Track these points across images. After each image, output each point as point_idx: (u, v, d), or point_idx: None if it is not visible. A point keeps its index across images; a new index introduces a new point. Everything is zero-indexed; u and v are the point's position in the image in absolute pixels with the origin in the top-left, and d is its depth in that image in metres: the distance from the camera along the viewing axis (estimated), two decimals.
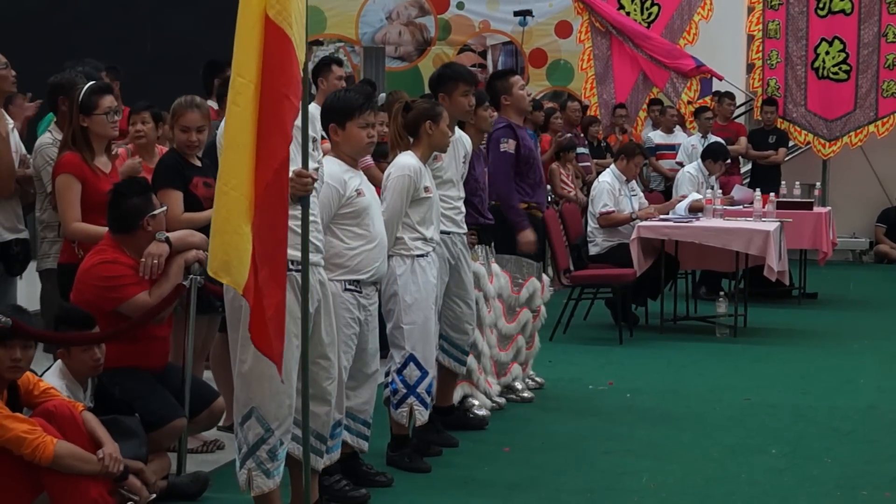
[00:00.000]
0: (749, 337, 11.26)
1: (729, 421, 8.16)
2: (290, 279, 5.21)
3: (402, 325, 6.78)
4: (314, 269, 5.41)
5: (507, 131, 8.50)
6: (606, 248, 11.59)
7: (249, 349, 5.16)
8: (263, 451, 5.32)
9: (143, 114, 7.67)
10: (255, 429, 5.30)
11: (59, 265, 6.85)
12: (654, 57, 15.96)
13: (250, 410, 5.30)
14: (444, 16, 17.71)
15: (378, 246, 6.14)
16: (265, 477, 5.34)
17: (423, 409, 6.88)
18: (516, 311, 8.48)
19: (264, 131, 4.72)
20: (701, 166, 13.11)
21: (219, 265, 4.73)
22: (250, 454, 5.33)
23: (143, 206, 6.10)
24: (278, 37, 4.72)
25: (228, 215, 4.70)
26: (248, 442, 5.33)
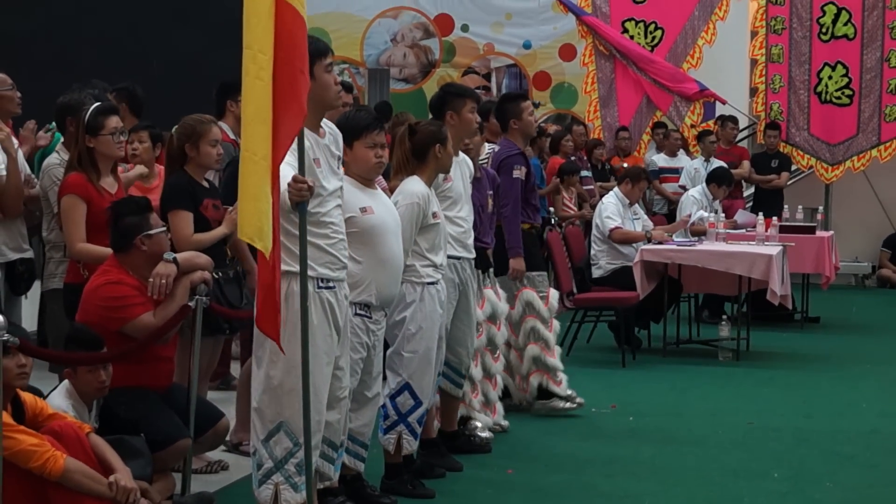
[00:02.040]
0: (752, 361, 11.27)
1: (731, 444, 8.17)
2: (319, 296, 5.30)
3: (402, 353, 6.77)
4: (342, 285, 5.59)
5: (518, 158, 8.49)
6: (609, 271, 11.61)
7: (279, 364, 5.27)
8: (292, 464, 5.39)
9: (140, 133, 7.71)
10: (284, 443, 5.38)
11: (65, 285, 6.87)
12: (658, 80, 16.03)
13: (279, 425, 5.38)
14: (448, 38, 17.77)
15: (390, 269, 6.13)
16: (293, 491, 5.43)
17: (411, 439, 6.84)
18: (549, 321, 8.63)
19: (281, 104, 4.92)
20: (705, 190, 13.13)
21: (253, 231, 4.87)
22: (278, 468, 5.40)
23: (138, 225, 6.11)
24: (293, 16, 4.94)
25: (261, 182, 4.87)
26: (276, 456, 5.39)
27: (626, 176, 11.99)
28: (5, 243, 7.25)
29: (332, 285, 5.52)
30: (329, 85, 5.55)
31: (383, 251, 6.11)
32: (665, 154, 15.61)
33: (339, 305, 5.57)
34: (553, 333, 8.69)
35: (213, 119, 7.02)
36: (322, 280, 5.44)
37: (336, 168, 5.66)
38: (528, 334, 8.60)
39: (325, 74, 5.53)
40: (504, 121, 8.54)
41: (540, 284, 8.65)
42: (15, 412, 5.26)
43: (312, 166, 5.40)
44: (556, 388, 8.71)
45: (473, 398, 7.98)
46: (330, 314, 5.51)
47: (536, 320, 8.58)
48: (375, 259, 6.06)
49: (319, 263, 5.43)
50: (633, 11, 16.42)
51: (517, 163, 8.44)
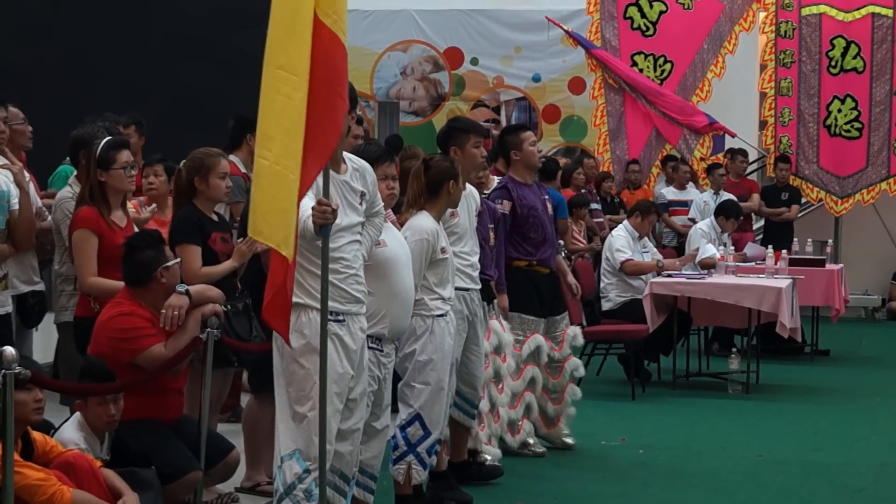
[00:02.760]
0: (761, 393, 11.26)
1: (741, 477, 8.17)
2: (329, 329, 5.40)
3: (413, 384, 6.81)
4: (356, 318, 5.60)
5: (502, 192, 8.32)
6: (619, 304, 11.63)
7: (294, 395, 5.41)
8: (300, 490, 5.45)
9: (156, 167, 7.75)
10: (294, 468, 5.45)
11: (75, 318, 6.89)
12: (667, 113, 16.07)
13: (291, 452, 5.44)
14: (458, 71, 17.83)
15: (402, 301, 6.16)
16: None
17: (420, 469, 6.86)
18: (521, 368, 8.48)
19: (317, 126, 5.02)
20: (713, 223, 13.15)
21: (280, 239, 4.97)
22: (287, 494, 5.47)
23: (156, 259, 6.15)
24: (332, 41, 5.12)
25: (291, 196, 4.96)
26: (286, 481, 5.46)
27: (636, 209, 12.02)
28: (17, 276, 7.28)
29: (341, 318, 5.53)
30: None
31: (396, 284, 6.14)
32: (674, 187, 15.64)
33: (353, 338, 5.59)
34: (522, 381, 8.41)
35: (221, 152, 7.06)
36: (331, 313, 5.45)
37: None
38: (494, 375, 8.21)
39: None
40: (506, 154, 8.51)
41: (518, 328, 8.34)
42: (24, 449, 5.28)
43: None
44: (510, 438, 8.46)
45: (480, 431, 7.99)
46: (340, 347, 5.53)
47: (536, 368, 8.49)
48: (389, 292, 6.08)
49: (331, 297, 5.45)
50: (642, 45, 16.47)
51: (500, 197, 8.31)
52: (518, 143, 8.42)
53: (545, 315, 8.53)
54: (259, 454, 7.33)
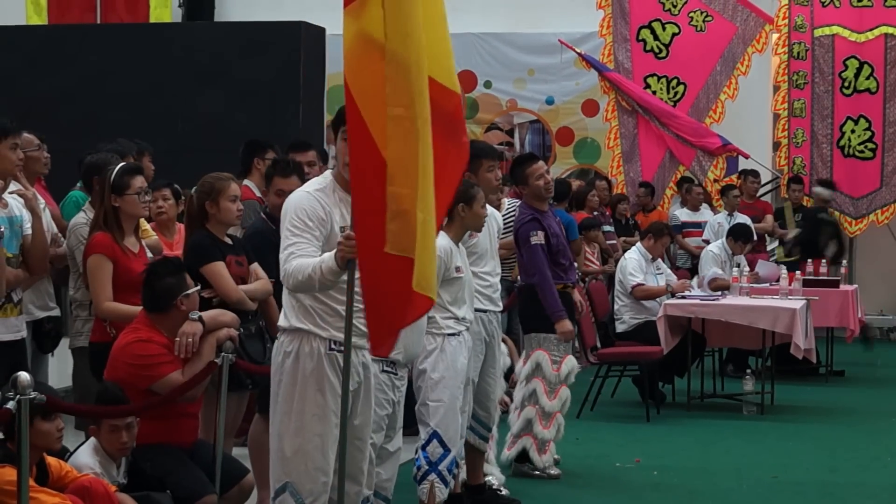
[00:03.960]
0: (776, 414, 11.25)
1: (756, 499, 8.16)
2: (332, 359, 5.31)
3: (428, 402, 6.84)
4: (357, 352, 5.41)
5: (533, 224, 8.30)
6: (633, 326, 11.64)
7: (290, 425, 5.26)
8: None
9: (164, 191, 7.79)
10: (288, 502, 5.35)
11: (91, 344, 6.92)
12: (680, 135, 16.09)
13: (284, 485, 5.36)
14: (471, 94, 17.87)
15: (415, 327, 6.16)
16: None
17: (442, 487, 6.90)
18: (556, 388, 8.52)
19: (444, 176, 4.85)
20: (725, 245, 13.17)
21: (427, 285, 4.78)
22: None
23: (177, 286, 6.19)
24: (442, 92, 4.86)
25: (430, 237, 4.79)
26: None
27: (649, 231, 12.04)
28: (32, 302, 7.31)
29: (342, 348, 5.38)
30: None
31: None
32: (688, 208, 15.64)
33: (355, 369, 5.40)
34: (558, 401, 8.50)
35: (231, 176, 7.09)
36: (334, 342, 5.34)
37: None
38: (529, 396, 8.46)
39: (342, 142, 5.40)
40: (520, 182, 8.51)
41: (555, 349, 8.45)
42: (39, 474, 5.30)
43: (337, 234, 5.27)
44: (536, 456, 8.51)
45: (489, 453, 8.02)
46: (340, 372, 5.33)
47: (541, 383, 8.47)
48: None
49: (335, 327, 5.32)
50: (655, 67, 16.51)
51: (533, 229, 8.28)
52: (525, 179, 8.33)
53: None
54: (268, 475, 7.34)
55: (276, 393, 5.41)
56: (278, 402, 5.38)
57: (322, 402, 5.31)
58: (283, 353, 5.37)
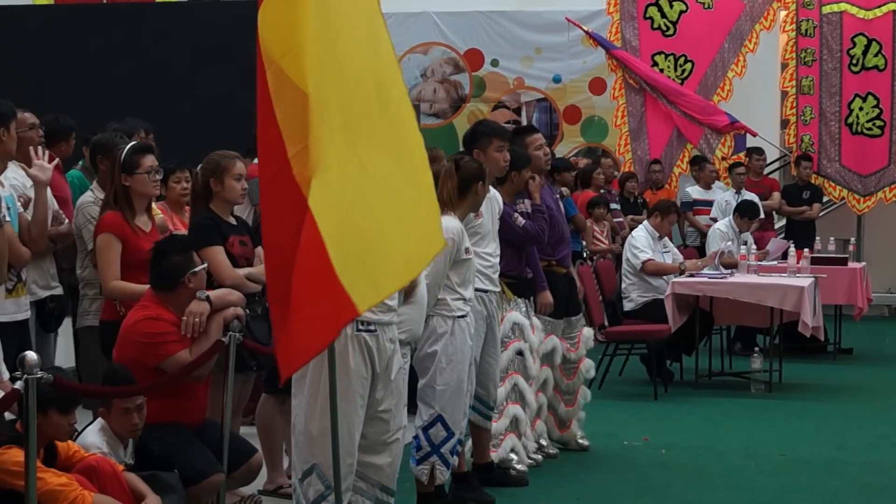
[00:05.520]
0: (784, 392, 11.25)
1: (764, 477, 8.16)
2: (359, 340, 5.29)
3: (434, 386, 6.83)
4: (385, 329, 5.44)
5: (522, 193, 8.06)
6: (641, 304, 11.63)
7: (317, 407, 5.25)
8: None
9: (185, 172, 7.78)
10: (316, 485, 5.35)
11: (101, 322, 6.92)
12: (688, 113, 16.05)
13: (311, 467, 5.35)
14: (478, 73, 17.84)
15: (419, 307, 6.19)
16: None
17: (444, 469, 6.91)
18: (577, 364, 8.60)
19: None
20: (731, 222, 13.16)
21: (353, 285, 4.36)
22: None
23: (185, 264, 6.19)
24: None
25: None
26: (308, 498, 5.37)
27: (656, 209, 12.02)
28: (35, 281, 7.30)
29: (372, 328, 5.43)
30: None
31: (420, 290, 6.16)
32: (700, 186, 15.61)
33: (381, 349, 5.47)
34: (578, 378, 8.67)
35: (236, 154, 7.07)
36: (362, 323, 5.36)
37: None
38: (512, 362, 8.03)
39: None
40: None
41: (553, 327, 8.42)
42: (47, 454, 5.31)
43: None
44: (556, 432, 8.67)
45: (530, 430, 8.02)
46: (368, 358, 5.43)
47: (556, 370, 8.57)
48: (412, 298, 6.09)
49: None
50: (662, 45, 16.46)
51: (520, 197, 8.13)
52: (523, 148, 8.16)
53: (562, 316, 8.53)
54: (277, 455, 7.37)
55: (301, 375, 5.39)
56: (304, 383, 5.36)
57: (347, 384, 5.30)
58: None
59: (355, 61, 4.55)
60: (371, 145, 4.49)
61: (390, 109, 4.60)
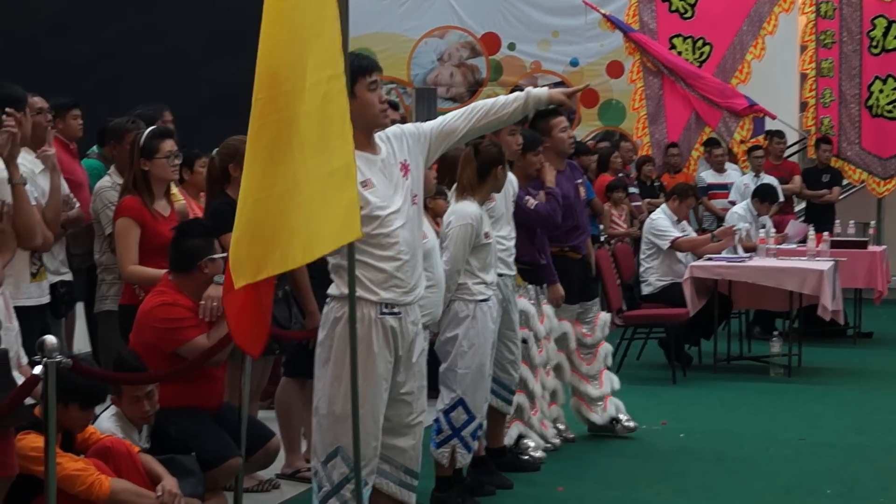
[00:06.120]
0: (804, 377, 11.21)
1: (783, 461, 8.13)
2: (383, 323, 5.30)
3: (456, 369, 6.82)
4: (408, 309, 5.41)
5: (535, 182, 7.99)
6: (659, 288, 11.59)
7: (340, 390, 5.23)
8: (347, 490, 5.31)
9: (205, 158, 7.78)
10: (340, 468, 5.31)
11: (121, 307, 6.93)
12: (707, 96, 15.97)
13: (336, 450, 5.31)
14: (495, 57, 17.80)
15: (437, 289, 6.20)
16: None
17: (465, 453, 6.90)
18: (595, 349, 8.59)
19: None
20: (750, 205, 13.11)
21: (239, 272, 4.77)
22: (334, 493, 5.33)
23: (204, 248, 6.18)
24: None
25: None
26: (333, 481, 5.34)
27: (674, 192, 11.98)
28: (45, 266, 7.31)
29: (396, 311, 5.34)
30: (371, 103, 5.31)
31: (435, 274, 6.15)
32: (712, 170, 15.56)
33: (404, 332, 5.39)
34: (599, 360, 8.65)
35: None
36: (386, 305, 5.30)
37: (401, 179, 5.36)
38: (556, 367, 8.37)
39: (368, 93, 5.32)
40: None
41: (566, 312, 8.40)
42: (64, 440, 5.31)
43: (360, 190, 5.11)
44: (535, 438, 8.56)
45: (532, 416, 8.01)
46: (392, 340, 5.35)
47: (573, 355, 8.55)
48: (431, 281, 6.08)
49: (383, 287, 5.27)
50: (680, 27, 16.38)
51: (534, 187, 8.07)
52: (548, 130, 8.16)
53: (577, 301, 8.49)
54: (296, 439, 7.37)
55: (325, 358, 5.34)
56: (329, 366, 5.31)
57: (372, 367, 5.28)
58: (332, 319, 5.30)
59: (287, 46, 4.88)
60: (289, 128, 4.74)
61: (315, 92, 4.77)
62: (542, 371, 8.10)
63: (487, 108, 5.55)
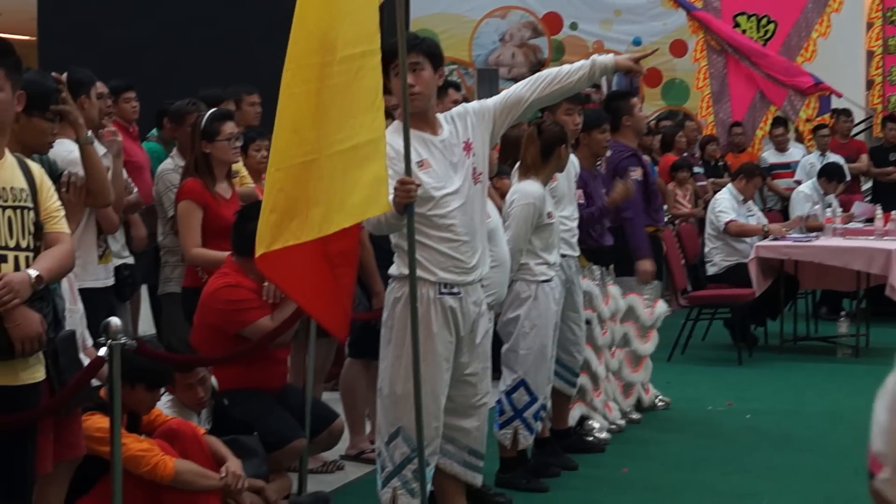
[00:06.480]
0: (871, 357, 11.08)
1: (851, 443, 8.03)
2: (442, 304, 5.28)
3: (518, 350, 6.81)
4: (469, 289, 5.40)
5: (633, 160, 8.33)
6: (724, 268, 11.50)
7: (401, 370, 5.23)
8: (409, 470, 5.33)
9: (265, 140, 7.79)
10: (402, 448, 5.32)
11: (184, 289, 6.96)
12: (771, 75, 15.82)
13: (397, 430, 5.32)
14: (557, 37, 17.72)
15: (502, 269, 6.16)
16: (410, 496, 5.36)
17: (527, 434, 6.90)
18: (648, 332, 8.52)
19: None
20: (816, 185, 12.97)
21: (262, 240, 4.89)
22: (395, 473, 5.35)
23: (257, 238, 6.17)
24: None
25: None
26: (394, 461, 5.35)
27: (740, 172, 11.89)
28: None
29: (456, 291, 5.32)
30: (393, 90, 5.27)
31: (499, 254, 6.12)
32: (775, 150, 15.41)
33: (465, 312, 5.36)
34: (651, 344, 8.56)
35: None
36: (445, 285, 5.30)
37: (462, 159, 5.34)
38: (621, 339, 8.41)
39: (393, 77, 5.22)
40: (616, 119, 8.41)
41: (649, 292, 8.49)
42: (129, 420, 5.34)
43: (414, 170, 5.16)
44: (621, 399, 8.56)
45: (596, 397, 7.98)
46: (452, 321, 5.34)
47: (632, 327, 8.47)
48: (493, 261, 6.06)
49: (442, 268, 5.27)
50: (744, 5, 16.24)
51: (632, 164, 8.29)
52: (629, 109, 8.41)
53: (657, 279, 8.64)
54: (360, 419, 7.38)
55: (388, 339, 5.35)
56: (389, 346, 5.32)
57: (431, 347, 5.27)
58: (393, 299, 5.32)
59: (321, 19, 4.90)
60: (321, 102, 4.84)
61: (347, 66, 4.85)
62: (607, 352, 8.08)
63: (553, 77, 5.50)
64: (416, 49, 5.30)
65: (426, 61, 5.31)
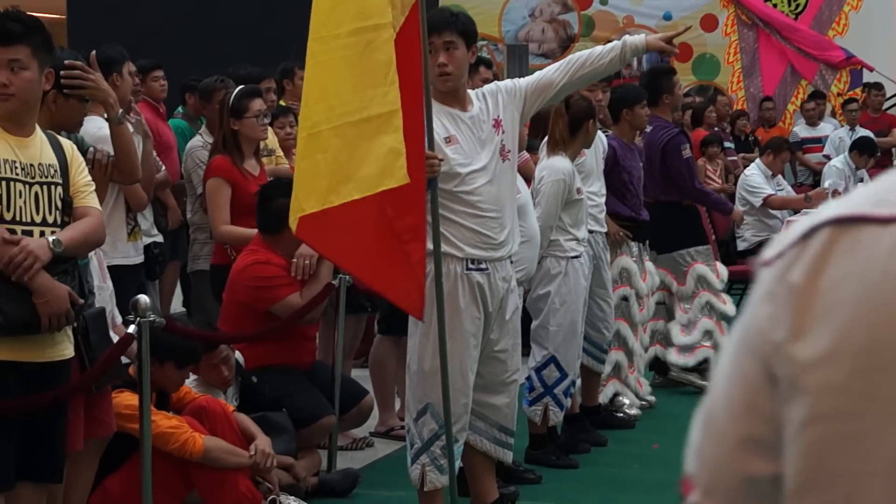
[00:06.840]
0: None
1: None
2: (469, 280, 5.26)
3: (548, 326, 6.79)
4: (497, 265, 5.37)
5: (682, 137, 8.51)
6: (755, 244, 11.44)
7: (429, 346, 5.22)
8: (437, 447, 5.32)
9: (289, 117, 7.78)
10: (430, 424, 5.31)
11: (212, 266, 6.97)
12: (803, 49, 15.71)
13: (426, 406, 5.31)
14: (587, 12, 17.63)
15: (532, 244, 6.15)
16: (438, 473, 5.35)
17: (557, 410, 6.89)
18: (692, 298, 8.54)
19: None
20: (847, 159, 12.89)
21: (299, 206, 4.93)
22: (424, 450, 5.34)
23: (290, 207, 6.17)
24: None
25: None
26: (423, 437, 5.34)
27: (768, 146, 11.83)
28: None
29: (483, 266, 5.29)
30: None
31: (529, 230, 6.10)
32: (806, 124, 15.32)
33: (493, 288, 5.32)
34: (731, 304, 8.64)
35: None
36: (472, 261, 5.27)
37: (492, 136, 5.31)
38: (703, 308, 8.49)
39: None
40: (657, 95, 8.38)
41: (707, 258, 8.61)
42: (159, 398, 5.35)
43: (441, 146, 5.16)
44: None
45: (630, 374, 7.96)
46: (480, 297, 5.30)
47: (710, 294, 8.51)
48: (525, 237, 6.04)
49: (468, 244, 5.24)
50: None
51: (682, 142, 8.44)
52: (671, 87, 8.46)
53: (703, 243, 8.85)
54: (389, 396, 7.38)
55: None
56: (417, 323, 5.30)
57: (458, 323, 5.25)
58: None
59: None
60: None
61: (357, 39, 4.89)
62: (642, 329, 8.06)
63: (584, 60, 5.47)
64: (451, 27, 5.27)
65: (460, 39, 5.29)
